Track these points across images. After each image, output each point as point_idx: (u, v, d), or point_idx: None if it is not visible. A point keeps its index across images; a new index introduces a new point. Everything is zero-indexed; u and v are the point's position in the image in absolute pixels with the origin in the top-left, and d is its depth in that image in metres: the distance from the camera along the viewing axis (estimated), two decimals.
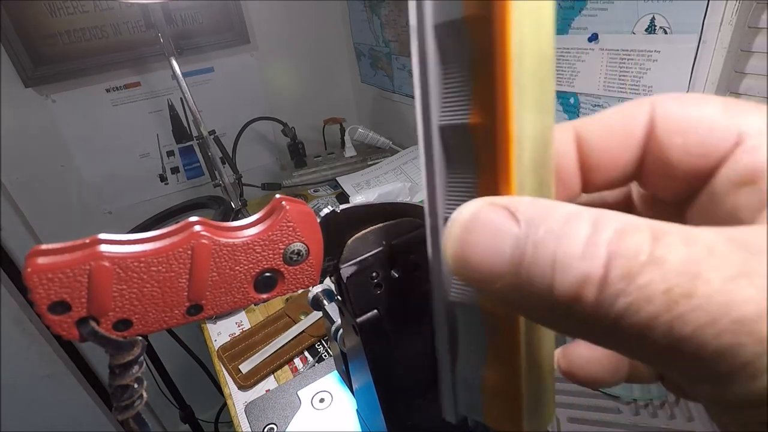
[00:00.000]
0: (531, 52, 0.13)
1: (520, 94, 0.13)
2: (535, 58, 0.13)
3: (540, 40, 0.13)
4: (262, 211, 0.20)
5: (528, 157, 0.13)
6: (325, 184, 1.17)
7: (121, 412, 0.18)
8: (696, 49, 0.59)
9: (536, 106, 0.13)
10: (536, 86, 0.13)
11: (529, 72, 0.13)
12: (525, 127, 0.13)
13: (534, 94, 0.13)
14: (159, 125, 1.17)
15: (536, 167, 0.14)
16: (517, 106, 0.13)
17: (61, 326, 0.16)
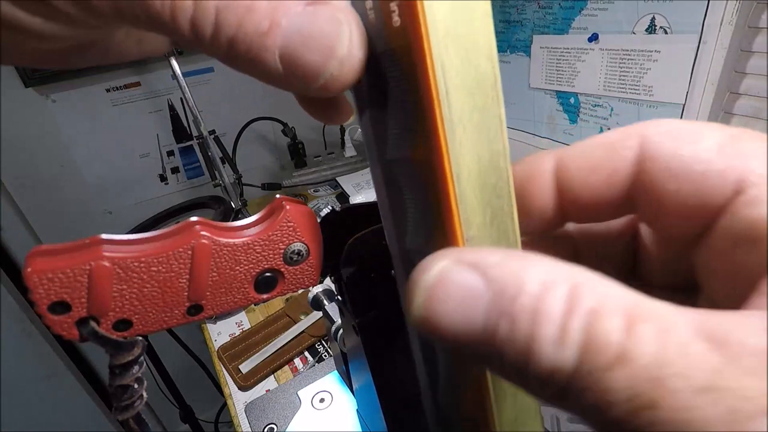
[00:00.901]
0: (461, 78, 0.12)
1: (451, 126, 0.12)
2: (469, 84, 0.12)
3: (474, 61, 0.12)
4: (263, 211, 0.20)
5: (473, 188, 0.13)
6: (325, 184, 1.17)
7: (121, 412, 0.18)
8: (696, 49, 0.59)
9: (477, 133, 0.13)
10: (475, 112, 0.12)
11: (461, 101, 0.12)
12: (463, 159, 0.12)
13: (473, 121, 0.12)
14: (159, 125, 1.17)
15: (487, 199, 0.13)
16: (450, 139, 0.12)
17: (61, 326, 0.16)
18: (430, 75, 0.12)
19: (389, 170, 0.16)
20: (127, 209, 1.19)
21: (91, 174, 1.12)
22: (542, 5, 0.79)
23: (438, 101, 0.12)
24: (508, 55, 0.91)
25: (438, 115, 0.12)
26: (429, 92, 0.12)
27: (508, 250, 0.12)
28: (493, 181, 0.14)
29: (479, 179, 0.13)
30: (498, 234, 0.14)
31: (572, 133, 0.84)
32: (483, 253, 0.10)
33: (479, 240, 0.14)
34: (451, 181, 0.13)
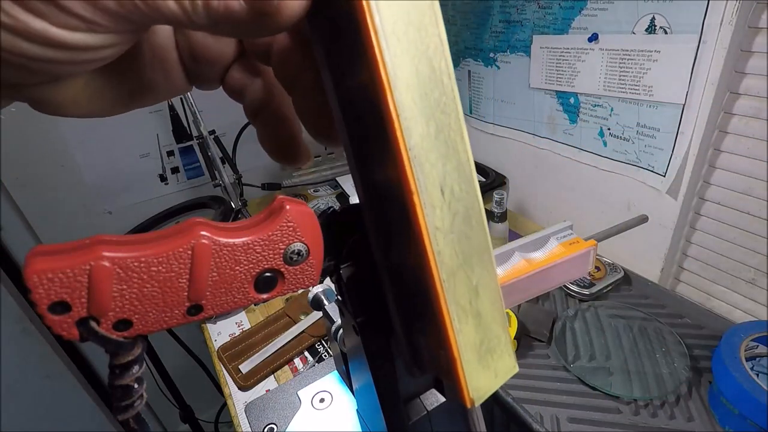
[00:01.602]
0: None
1: (384, 36, 0.13)
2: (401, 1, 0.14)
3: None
4: (263, 211, 0.20)
5: (412, 98, 0.14)
6: (325, 184, 1.17)
7: (121, 412, 0.18)
8: (696, 49, 0.59)
9: (414, 47, 0.14)
10: (410, 27, 0.14)
11: (393, 14, 0.14)
12: (400, 69, 0.14)
13: (408, 35, 0.14)
14: (159, 125, 1.17)
15: (429, 111, 0.15)
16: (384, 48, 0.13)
17: (61, 326, 0.16)
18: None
19: (347, 104, 0.17)
20: (127, 209, 1.19)
21: (91, 174, 1.12)
22: (542, 5, 0.79)
23: (369, 12, 0.13)
24: (508, 55, 0.91)
25: (371, 25, 0.13)
26: (360, 3, 0.13)
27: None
28: (437, 96, 0.15)
29: (419, 90, 0.14)
30: (446, 149, 0.15)
31: (572, 133, 0.84)
32: None
33: (422, 150, 0.14)
34: (389, 87, 0.14)
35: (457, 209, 0.16)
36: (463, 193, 0.16)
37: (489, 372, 0.17)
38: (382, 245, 0.20)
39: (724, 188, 0.64)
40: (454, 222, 0.16)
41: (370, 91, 0.14)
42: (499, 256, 0.37)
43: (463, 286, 0.16)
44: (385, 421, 0.29)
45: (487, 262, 0.17)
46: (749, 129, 0.59)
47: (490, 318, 0.17)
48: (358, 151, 0.18)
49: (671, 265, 0.75)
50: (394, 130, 0.14)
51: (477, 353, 0.17)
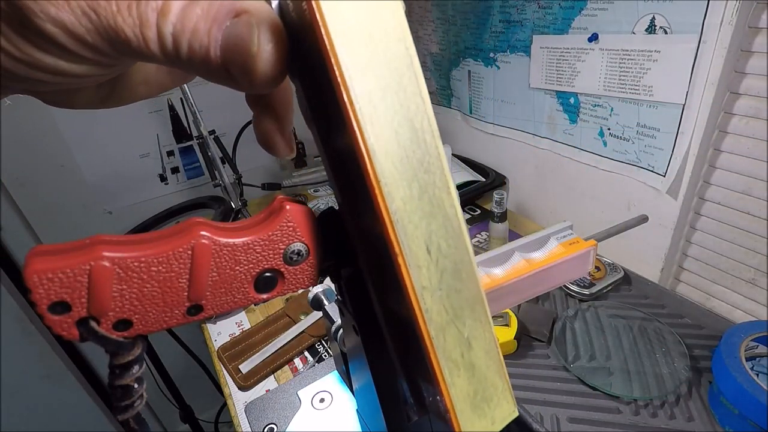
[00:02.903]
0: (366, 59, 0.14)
1: (358, 105, 0.13)
2: (376, 65, 0.14)
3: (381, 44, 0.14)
4: (263, 211, 0.20)
5: (393, 163, 0.14)
6: (325, 184, 1.17)
7: (121, 412, 0.18)
8: (696, 49, 0.59)
9: (392, 110, 0.14)
10: (387, 91, 0.14)
11: (367, 81, 0.14)
12: (378, 135, 0.14)
13: (385, 100, 0.14)
14: (159, 125, 1.17)
15: (411, 173, 0.15)
16: (360, 117, 0.14)
17: (61, 326, 0.16)
18: (332, 58, 0.13)
19: (336, 157, 0.17)
20: (127, 209, 1.19)
21: (91, 174, 1.12)
22: (542, 5, 0.79)
23: (344, 84, 0.13)
24: (508, 55, 0.91)
25: (346, 97, 0.13)
26: (334, 74, 0.13)
27: None
28: (419, 156, 0.15)
29: (399, 155, 0.14)
30: (431, 207, 0.15)
31: (572, 133, 0.84)
32: None
33: (405, 214, 0.15)
34: (367, 156, 0.14)
35: (445, 266, 0.16)
36: (450, 249, 0.16)
37: (485, 420, 0.18)
38: (378, 293, 0.20)
39: (724, 188, 0.64)
40: (442, 279, 0.16)
41: (352, 156, 0.14)
42: (499, 256, 0.37)
43: (454, 340, 0.17)
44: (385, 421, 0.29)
45: (479, 313, 0.17)
46: (749, 129, 0.59)
47: (484, 368, 0.17)
48: (348, 201, 0.18)
49: (671, 265, 0.75)
50: (375, 196, 0.14)
51: (471, 404, 0.17)
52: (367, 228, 0.17)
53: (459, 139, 1.18)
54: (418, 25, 1.15)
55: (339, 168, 0.17)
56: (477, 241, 0.92)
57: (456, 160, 1.13)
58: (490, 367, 0.18)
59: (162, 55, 0.15)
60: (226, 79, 0.16)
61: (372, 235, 0.16)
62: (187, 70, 0.16)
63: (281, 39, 0.15)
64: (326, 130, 0.17)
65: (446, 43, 1.09)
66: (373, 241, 0.17)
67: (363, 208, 0.16)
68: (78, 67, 0.15)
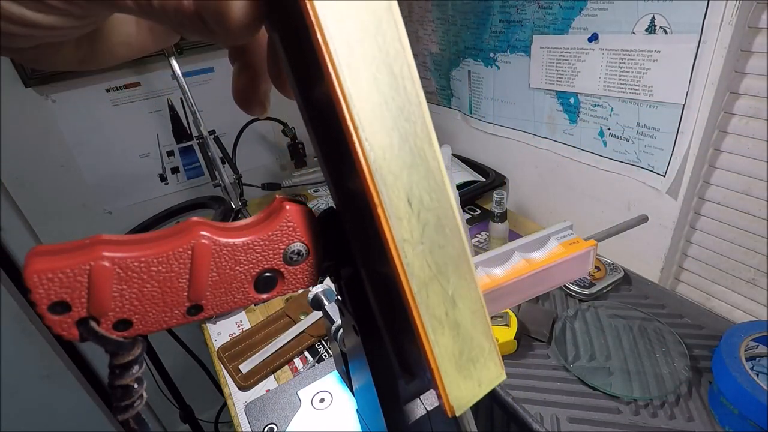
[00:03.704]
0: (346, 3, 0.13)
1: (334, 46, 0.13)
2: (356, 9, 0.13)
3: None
4: (263, 211, 0.20)
5: (371, 108, 0.14)
6: (325, 184, 1.17)
7: (121, 412, 0.18)
8: (696, 49, 0.59)
9: (371, 55, 0.14)
10: (366, 36, 0.14)
11: (347, 25, 0.13)
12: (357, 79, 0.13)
13: (364, 44, 0.13)
14: (159, 125, 1.17)
15: (391, 122, 0.14)
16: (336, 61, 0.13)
17: (61, 326, 0.16)
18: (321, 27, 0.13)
19: (316, 111, 0.16)
20: (127, 209, 1.19)
21: (91, 174, 1.12)
22: (542, 5, 0.79)
23: (318, 22, 0.13)
24: (508, 55, 0.91)
25: (320, 36, 0.13)
26: (308, 16, 0.13)
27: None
28: (399, 104, 0.14)
29: (378, 101, 0.14)
30: (412, 158, 0.15)
31: (572, 133, 0.84)
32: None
33: (384, 162, 0.14)
34: (344, 100, 0.13)
35: (427, 219, 0.15)
36: (433, 202, 0.15)
37: (471, 382, 0.17)
38: (361, 251, 0.19)
39: (724, 188, 0.64)
40: (424, 232, 0.15)
41: (330, 102, 0.14)
42: (499, 256, 0.37)
43: (438, 296, 0.16)
44: (385, 421, 0.29)
45: (465, 271, 0.17)
46: (749, 129, 0.59)
47: (470, 327, 0.17)
48: (328, 157, 0.18)
49: (671, 265, 0.75)
50: (353, 143, 0.14)
51: (456, 364, 0.17)
52: (349, 183, 0.16)
53: (459, 139, 1.18)
54: (418, 25, 1.15)
55: (319, 124, 0.17)
56: (477, 241, 0.92)
57: (456, 160, 1.13)
58: (477, 328, 0.17)
59: (134, 4, 0.15)
60: (201, 29, 0.15)
61: (353, 191, 0.16)
62: (161, 21, 0.15)
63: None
64: (306, 82, 0.16)
65: (446, 43, 1.09)
66: (354, 198, 0.16)
67: (344, 162, 0.15)
68: (46, 17, 0.15)
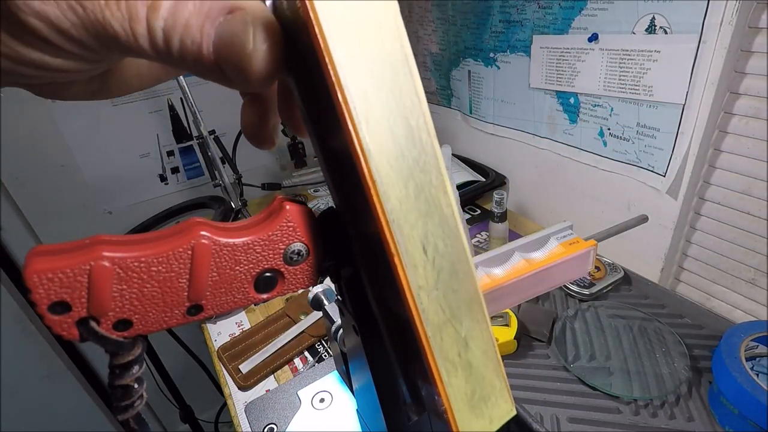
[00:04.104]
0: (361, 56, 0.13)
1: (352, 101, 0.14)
2: (370, 61, 0.14)
3: (376, 40, 0.13)
4: (263, 211, 0.20)
5: (387, 161, 0.14)
6: (324, 184, 1.17)
7: (121, 412, 0.18)
8: (696, 49, 0.59)
9: (388, 109, 0.14)
10: (381, 89, 0.14)
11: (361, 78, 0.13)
12: (374, 133, 0.14)
13: (380, 97, 0.14)
14: (159, 125, 1.17)
15: (407, 172, 0.15)
16: (354, 114, 0.13)
17: (61, 326, 0.16)
18: (326, 56, 0.13)
19: (332, 156, 0.17)
20: (127, 209, 1.19)
21: (91, 174, 1.12)
22: (542, 5, 0.79)
23: (337, 80, 0.13)
24: (508, 55, 0.91)
25: (339, 93, 0.13)
26: (328, 72, 0.13)
27: None
28: (415, 155, 0.14)
29: (395, 153, 0.14)
30: (427, 207, 0.15)
31: (572, 133, 0.84)
32: None
33: (401, 214, 0.14)
34: (362, 154, 0.13)
35: (441, 265, 0.16)
36: (447, 248, 0.16)
37: (483, 420, 0.18)
38: (376, 292, 0.20)
39: (724, 188, 0.64)
40: (439, 278, 0.16)
41: (347, 155, 0.14)
42: (499, 256, 0.37)
43: (451, 339, 0.16)
44: (385, 421, 0.29)
45: (477, 312, 0.17)
46: (749, 129, 0.58)
47: (482, 367, 0.17)
48: (345, 202, 0.18)
49: (671, 265, 0.75)
50: (370, 195, 0.14)
51: (469, 403, 0.17)
52: (364, 228, 0.17)
53: (459, 139, 1.18)
54: (418, 25, 1.15)
55: (335, 168, 0.17)
56: (477, 241, 0.92)
57: (456, 160, 1.13)
58: (488, 367, 0.18)
59: (152, 52, 0.15)
60: (219, 78, 0.15)
61: (368, 235, 0.16)
62: (179, 67, 0.15)
63: (276, 37, 0.15)
64: (322, 129, 0.17)
65: (446, 43, 1.09)
66: (369, 242, 0.17)
67: (359, 208, 0.16)
68: (63, 62, 0.15)
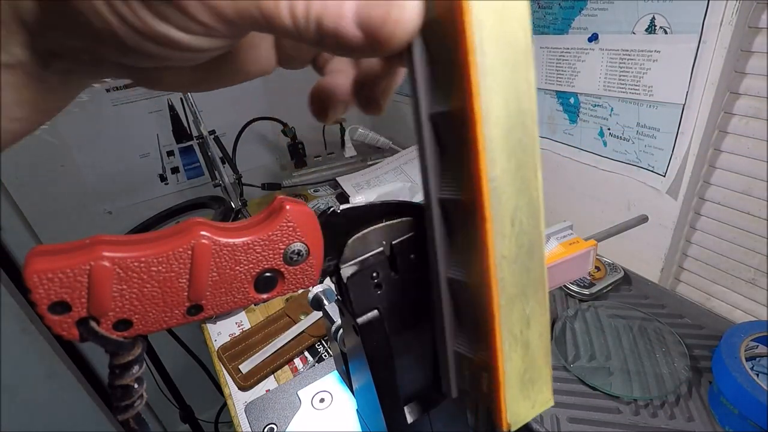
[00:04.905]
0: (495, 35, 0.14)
1: (484, 71, 0.14)
2: (500, 41, 0.14)
3: (507, 24, 0.14)
4: (263, 211, 0.20)
5: (498, 132, 0.15)
6: (325, 184, 1.17)
7: (121, 412, 0.18)
8: (696, 49, 0.59)
9: (506, 86, 0.14)
10: (505, 67, 0.14)
11: (493, 52, 0.14)
12: (492, 104, 0.14)
13: (503, 74, 0.14)
14: (159, 125, 1.17)
15: (512, 147, 0.15)
16: (482, 83, 0.14)
17: (61, 326, 0.16)
18: (467, 26, 0.13)
19: (433, 125, 0.17)
20: (127, 209, 1.19)
21: (91, 174, 1.12)
22: (542, 5, 0.79)
23: (473, 47, 0.13)
24: None
25: (472, 61, 0.14)
26: (465, 41, 0.13)
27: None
28: (519, 136, 0.15)
29: (506, 126, 0.15)
30: (521, 184, 0.16)
31: (572, 133, 0.84)
32: None
33: (502, 183, 0.15)
34: (479, 120, 0.14)
35: (522, 242, 0.17)
36: (530, 227, 0.17)
37: (528, 401, 0.18)
38: (444, 258, 0.20)
39: (724, 188, 0.64)
40: (519, 253, 0.17)
41: (459, 120, 0.15)
42: None
43: (518, 314, 0.17)
44: (385, 421, 0.29)
45: (540, 297, 0.18)
46: (749, 129, 0.58)
47: (536, 350, 0.18)
48: (433, 169, 0.18)
49: (671, 265, 0.75)
50: (479, 159, 0.15)
51: (520, 381, 0.18)
52: (452, 197, 0.17)
53: None
54: None
55: (433, 133, 0.17)
56: None
57: None
58: (540, 351, 0.18)
59: (291, 24, 0.14)
60: (358, 46, 0.15)
61: (455, 204, 0.17)
62: (315, 44, 0.15)
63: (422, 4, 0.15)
64: (435, 94, 0.17)
65: None
66: (454, 210, 0.17)
67: (453, 174, 0.17)
68: (193, 38, 0.14)
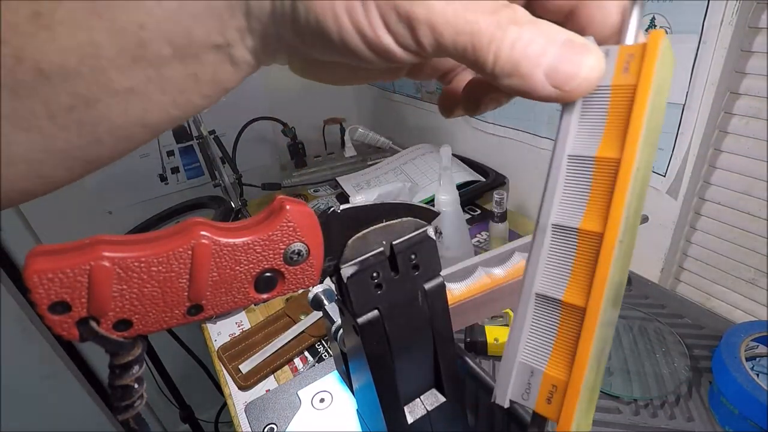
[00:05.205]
0: (652, 112, 0.16)
1: (643, 137, 0.16)
2: (652, 118, 0.16)
3: (660, 105, 0.17)
4: (263, 211, 0.20)
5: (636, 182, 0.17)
6: (325, 184, 1.17)
7: (121, 412, 0.18)
8: (696, 49, 0.59)
9: (648, 147, 0.17)
10: (650, 134, 0.17)
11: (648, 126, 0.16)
12: (640, 161, 0.16)
13: (648, 139, 0.16)
14: None
15: (638, 193, 0.17)
16: (640, 146, 0.16)
17: (61, 326, 0.16)
18: (644, 109, 0.16)
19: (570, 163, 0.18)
20: (127, 209, 1.19)
21: (91, 174, 1.12)
22: None
23: (642, 124, 0.16)
24: None
25: (639, 130, 0.16)
26: (639, 117, 0.16)
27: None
28: (644, 173, 0.17)
29: (641, 177, 0.17)
30: (633, 221, 0.18)
31: None
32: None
33: (628, 226, 0.17)
34: (631, 173, 0.16)
35: (623, 263, 0.18)
36: (629, 240, 0.18)
37: (587, 419, 0.18)
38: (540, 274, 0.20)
39: (724, 188, 0.64)
40: (620, 279, 0.18)
41: (608, 166, 0.17)
42: (499, 256, 0.37)
43: (604, 335, 0.18)
44: (385, 421, 0.29)
45: (617, 310, 0.18)
46: (749, 129, 0.58)
47: (600, 371, 0.18)
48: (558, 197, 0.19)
49: (671, 265, 0.75)
50: (621, 202, 0.16)
51: (589, 396, 0.18)
52: (564, 222, 0.19)
53: (459, 139, 1.18)
54: None
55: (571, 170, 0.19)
56: (477, 241, 0.92)
57: (456, 160, 1.13)
58: (600, 374, 0.18)
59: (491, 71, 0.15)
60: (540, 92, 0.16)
61: (566, 227, 0.18)
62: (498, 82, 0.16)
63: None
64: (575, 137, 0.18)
65: None
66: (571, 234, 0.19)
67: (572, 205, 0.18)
68: (410, 55, 0.16)
